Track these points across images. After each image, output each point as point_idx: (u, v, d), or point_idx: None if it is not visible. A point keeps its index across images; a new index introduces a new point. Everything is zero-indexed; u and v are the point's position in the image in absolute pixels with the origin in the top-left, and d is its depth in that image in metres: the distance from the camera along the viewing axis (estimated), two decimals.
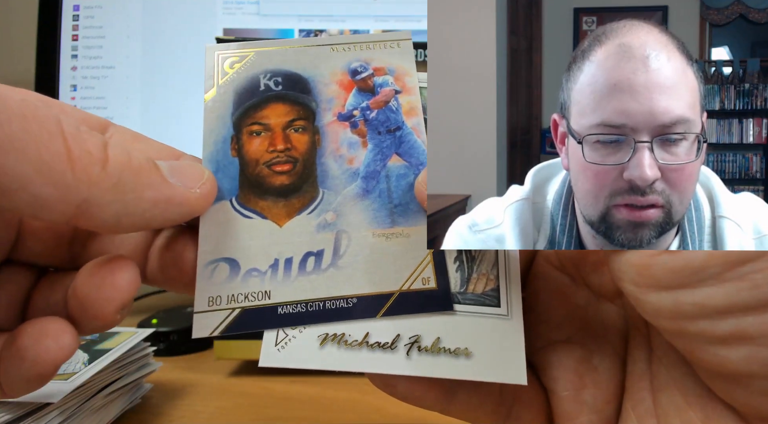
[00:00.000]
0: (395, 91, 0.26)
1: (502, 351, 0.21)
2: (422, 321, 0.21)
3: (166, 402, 0.43)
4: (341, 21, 0.70)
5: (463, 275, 0.22)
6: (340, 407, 0.43)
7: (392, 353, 0.21)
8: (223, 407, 0.43)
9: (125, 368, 0.40)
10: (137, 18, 0.71)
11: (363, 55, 0.26)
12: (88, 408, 0.36)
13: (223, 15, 0.70)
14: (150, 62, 0.71)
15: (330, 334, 0.21)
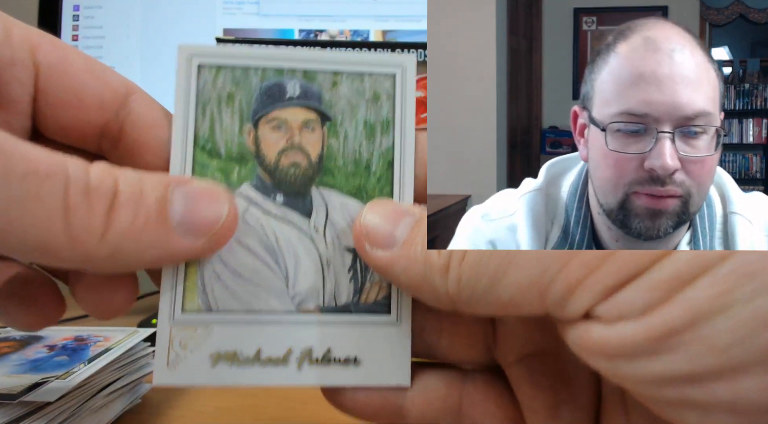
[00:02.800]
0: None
1: (389, 356, 0.22)
2: (315, 333, 0.22)
3: (166, 402, 0.43)
4: (341, 21, 0.70)
5: (356, 285, 0.23)
6: None
7: (284, 366, 0.22)
8: (223, 407, 0.43)
9: (125, 368, 0.40)
10: (137, 18, 0.71)
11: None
12: (87, 408, 0.36)
13: (223, 15, 0.70)
14: (150, 62, 0.71)
15: (222, 352, 0.21)
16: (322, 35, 0.70)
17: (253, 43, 0.49)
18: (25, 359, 0.38)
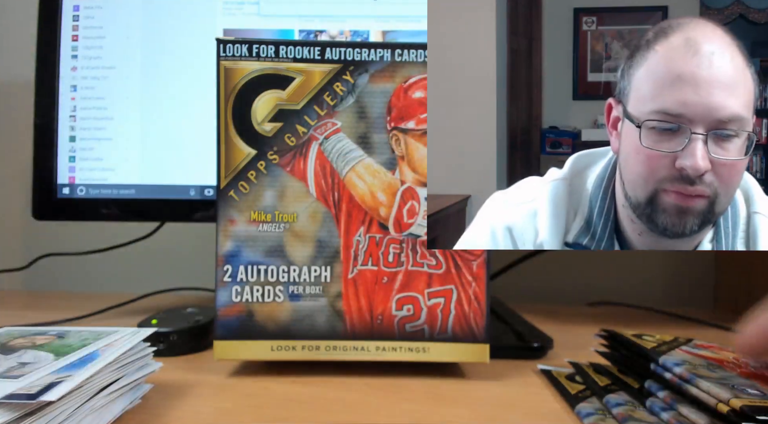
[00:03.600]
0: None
1: None
2: None
3: (167, 402, 0.43)
4: (341, 21, 0.70)
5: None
6: (340, 407, 0.43)
7: None
8: (223, 407, 0.43)
9: (125, 368, 0.40)
10: (137, 18, 0.71)
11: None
12: (88, 408, 0.36)
13: (223, 15, 0.70)
14: (150, 63, 0.71)
15: None
16: (322, 35, 0.70)
17: (260, 44, 0.49)
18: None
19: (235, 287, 0.49)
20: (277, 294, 0.49)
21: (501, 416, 0.42)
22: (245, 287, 0.49)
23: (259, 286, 0.49)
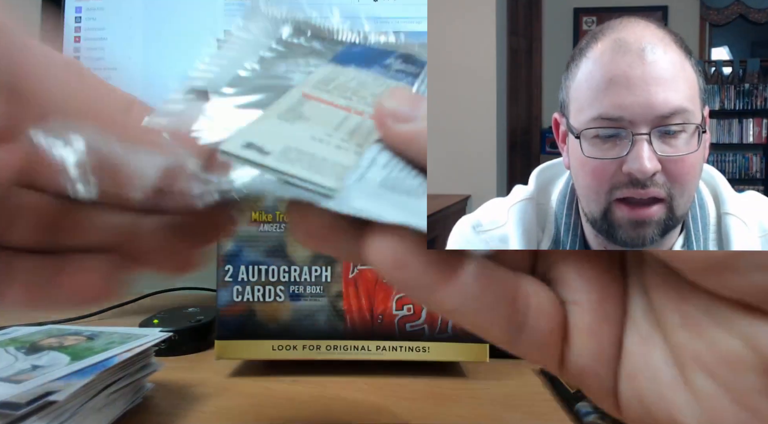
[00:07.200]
0: None
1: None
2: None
3: (168, 402, 0.44)
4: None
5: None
6: (340, 407, 0.43)
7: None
8: (224, 407, 0.43)
9: (126, 368, 0.40)
10: (139, 20, 0.71)
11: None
12: (89, 408, 0.36)
13: (224, 16, 0.71)
14: (152, 64, 0.71)
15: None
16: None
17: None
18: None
19: (236, 287, 0.49)
20: (278, 294, 0.49)
21: (501, 416, 0.42)
22: (246, 286, 0.49)
23: (260, 286, 0.49)
